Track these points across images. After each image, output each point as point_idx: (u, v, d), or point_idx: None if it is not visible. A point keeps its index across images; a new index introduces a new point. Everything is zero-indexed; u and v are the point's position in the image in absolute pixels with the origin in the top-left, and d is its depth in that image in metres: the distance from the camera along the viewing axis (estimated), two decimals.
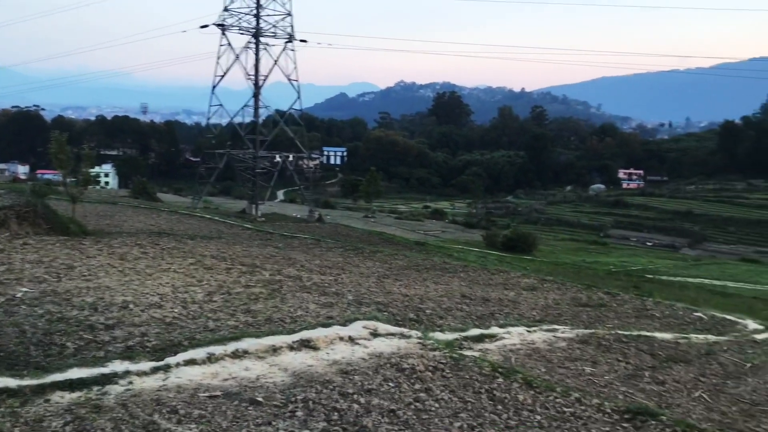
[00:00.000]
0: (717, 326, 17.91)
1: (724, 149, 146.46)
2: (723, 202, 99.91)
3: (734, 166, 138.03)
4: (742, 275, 51.91)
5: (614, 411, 7.07)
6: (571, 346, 10.91)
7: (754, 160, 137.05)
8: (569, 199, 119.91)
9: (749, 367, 10.90)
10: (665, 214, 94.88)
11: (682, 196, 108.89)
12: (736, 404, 8.73)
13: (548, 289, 20.38)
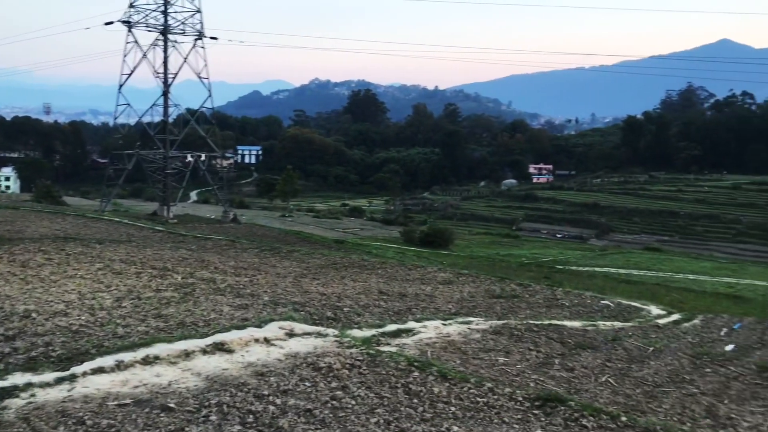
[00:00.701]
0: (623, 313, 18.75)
1: (627, 143, 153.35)
2: (627, 194, 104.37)
3: (637, 159, 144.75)
4: (646, 263, 54.54)
5: (525, 399, 7.28)
6: (485, 337, 11.16)
7: (655, 153, 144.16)
8: (483, 194, 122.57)
9: (652, 351, 11.45)
10: (574, 207, 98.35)
11: (589, 189, 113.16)
12: (640, 387, 9.16)
13: (464, 283, 20.79)
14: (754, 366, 10.85)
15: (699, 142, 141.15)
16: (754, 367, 10.73)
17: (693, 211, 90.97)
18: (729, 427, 7.80)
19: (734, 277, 48.56)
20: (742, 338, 16.90)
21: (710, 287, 41.95)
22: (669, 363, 10.60)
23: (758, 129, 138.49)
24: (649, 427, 6.70)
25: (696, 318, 19.89)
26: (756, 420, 8.12)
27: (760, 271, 55.36)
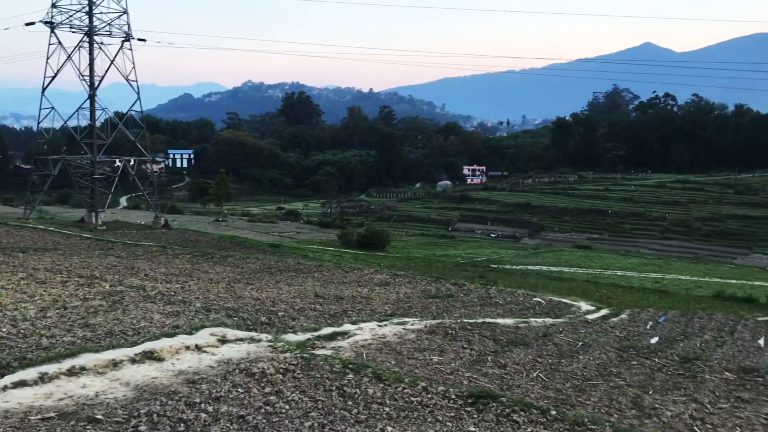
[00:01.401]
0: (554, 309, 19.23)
1: (556, 144, 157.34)
2: (557, 194, 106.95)
3: (566, 159, 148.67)
4: (576, 261, 56.06)
5: (458, 396, 7.37)
6: (420, 337, 11.25)
7: (583, 153, 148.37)
8: (419, 195, 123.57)
9: (581, 346, 11.77)
10: (507, 207, 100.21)
11: (521, 189, 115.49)
12: (570, 381, 9.40)
13: (400, 284, 20.92)
14: (676, 357, 11.28)
15: (625, 142, 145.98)
16: (677, 359, 11.16)
17: (620, 209, 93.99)
18: (653, 417, 8.09)
19: (660, 273, 50.41)
20: (666, 331, 17.58)
21: (637, 283, 43.42)
22: (597, 357, 10.91)
23: (680, 129, 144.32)
24: (578, 420, 6.88)
25: (623, 313, 20.59)
26: (678, 409, 8.45)
27: (684, 266, 57.69)
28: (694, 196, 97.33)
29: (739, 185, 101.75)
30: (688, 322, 20.11)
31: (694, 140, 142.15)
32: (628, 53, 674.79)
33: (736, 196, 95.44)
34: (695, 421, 8.01)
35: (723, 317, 22.28)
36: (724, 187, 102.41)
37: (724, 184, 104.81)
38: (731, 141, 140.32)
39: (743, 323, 21.14)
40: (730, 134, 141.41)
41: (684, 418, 8.13)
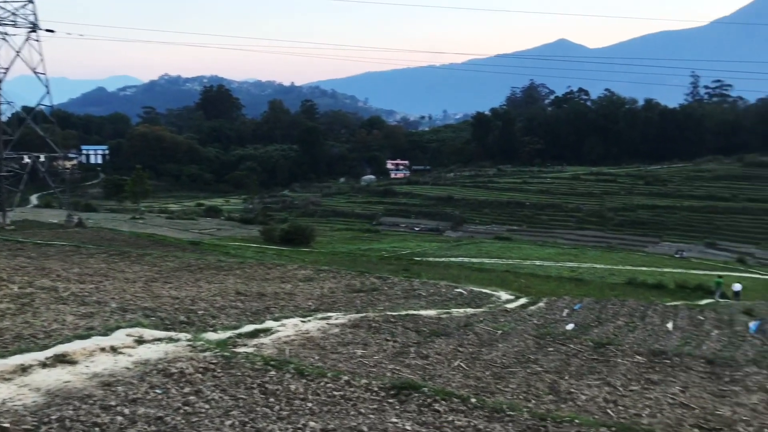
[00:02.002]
0: (475, 300, 19.64)
1: (476, 139, 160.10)
2: (478, 187, 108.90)
3: (486, 153, 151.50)
4: (497, 252, 57.41)
5: (381, 389, 7.42)
6: (344, 331, 11.26)
7: (502, 147, 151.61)
8: (343, 190, 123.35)
9: (500, 334, 12.05)
10: (429, 201, 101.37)
11: (443, 183, 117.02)
12: (489, 369, 9.62)
13: (324, 279, 20.87)
14: (591, 343, 11.71)
15: (541, 136, 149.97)
16: (591, 344, 11.58)
17: (538, 201, 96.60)
18: (569, 401, 8.38)
19: (576, 262, 52.24)
20: (581, 318, 18.24)
21: (554, 272, 44.88)
22: (516, 345, 11.20)
23: (594, 123, 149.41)
24: (497, 407, 7.04)
25: (541, 301, 21.24)
26: (592, 393, 8.78)
27: (598, 255, 59.97)
28: (607, 188, 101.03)
29: (648, 177, 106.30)
30: (602, 309, 20.92)
31: (607, 134, 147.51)
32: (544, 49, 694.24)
33: (646, 187, 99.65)
34: (608, 404, 8.35)
35: (634, 303, 23.30)
36: (635, 178, 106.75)
37: (635, 175, 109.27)
38: (641, 134, 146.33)
39: (653, 308, 22.17)
40: (640, 128, 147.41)
41: (598, 401, 8.45)
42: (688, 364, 10.72)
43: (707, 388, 9.46)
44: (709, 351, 13.80)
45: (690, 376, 10.00)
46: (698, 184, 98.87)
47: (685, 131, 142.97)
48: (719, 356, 12.12)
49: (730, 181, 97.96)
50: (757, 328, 19.07)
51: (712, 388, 9.45)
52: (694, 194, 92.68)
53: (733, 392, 9.33)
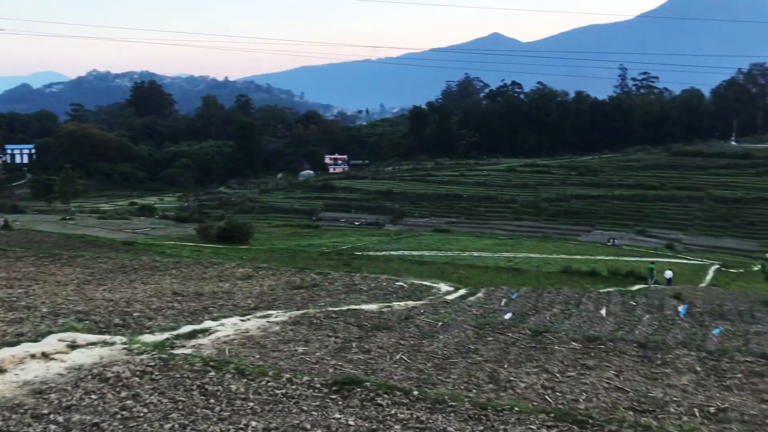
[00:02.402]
0: (416, 292, 19.77)
1: (414, 132, 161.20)
2: (417, 181, 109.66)
3: (423, 147, 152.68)
4: (436, 244, 58.00)
5: (324, 385, 7.39)
6: (285, 329, 11.17)
7: (438, 140, 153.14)
8: (281, 186, 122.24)
9: (441, 326, 12.17)
10: (369, 195, 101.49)
11: (382, 177, 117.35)
12: (431, 360, 9.71)
13: (263, 276, 20.65)
14: (528, 331, 11.95)
15: (477, 129, 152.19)
16: (529, 332, 11.82)
17: (475, 193, 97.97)
18: (509, 389, 8.53)
19: (512, 252, 53.28)
20: (519, 306, 18.60)
21: (492, 262, 45.67)
22: (456, 335, 11.34)
23: (527, 116, 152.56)
24: (439, 398, 7.11)
25: (480, 291, 21.55)
26: (531, 380, 8.97)
27: (534, 244, 61.27)
28: (541, 179, 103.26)
29: (581, 167, 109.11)
30: (538, 298, 21.40)
31: (540, 126, 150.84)
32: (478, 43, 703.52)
33: (578, 178, 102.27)
34: (546, 390, 8.54)
35: (570, 291, 23.92)
36: (568, 169, 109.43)
37: (568, 166, 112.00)
38: (573, 126, 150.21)
39: (587, 295, 22.81)
40: (572, 119, 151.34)
41: (536, 388, 8.64)
42: (621, 348, 11.06)
43: (640, 371, 9.78)
44: (641, 335, 14.29)
45: (623, 360, 10.32)
46: (628, 173, 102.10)
47: (614, 122, 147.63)
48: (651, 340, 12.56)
49: (657, 170, 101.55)
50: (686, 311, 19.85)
51: (645, 371, 9.78)
52: (624, 183, 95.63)
53: (665, 374, 9.68)
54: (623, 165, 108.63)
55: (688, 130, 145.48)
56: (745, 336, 15.60)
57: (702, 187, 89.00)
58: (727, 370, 10.06)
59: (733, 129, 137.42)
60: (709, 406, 8.24)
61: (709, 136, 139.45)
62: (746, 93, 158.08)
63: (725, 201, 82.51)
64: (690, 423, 7.55)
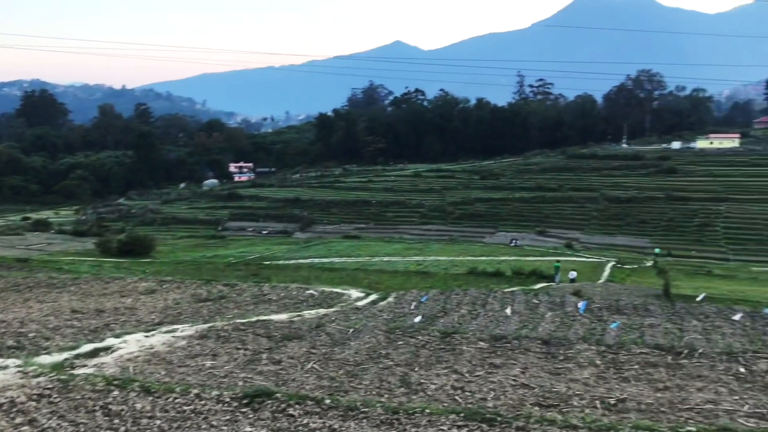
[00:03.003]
0: (326, 300, 19.72)
1: (321, 139, 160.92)
2: (325, 188, 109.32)
3: (331, 153, 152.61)
4: (346, 250, 58.03)
5: (233, 399, 7.26)
6: (191, 343, 10.90)
7: (346, 147, 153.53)
8: (184, 196, 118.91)
9: (352, 332, 12.21)
10: (276, 203, 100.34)
11: (290, 184, 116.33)
12: (343, 367, 9.72)
13: (168, 290, 20.07)
14: (437, 333, 12.17)
15: (383, 135, 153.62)
16: (438, 334, 12.04)
17: (383, 199, 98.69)
18: (420, 392, 8.66)
19: (421, 256, 54.02)
20: (428, 309, 18.88)
21: (401, 267, 46.14)
22: (367, 341, 11.40)
23: (431, 123, 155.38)
24: (351, 405, 7.13)
25: (390, 296, 21.73)
26: (441, 381, 9.14)
27: (441, 248, 62.36)
28: (447, 183, 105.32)
29: (483, 171, 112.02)
30: (446, 299, 21.80)
31: (444, 132, 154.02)
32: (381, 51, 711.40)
33: (481, 182, 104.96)
34: (456, 391, 8.72)
35: (476, 292, 24.48)
36: (471, 173, 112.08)
37: (471, 170, 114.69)
38: (475, 132, 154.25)
39: (493, 295, 23.42)
40: (474, 125, 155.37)
41: (446, 389, 8.81)
42: (526, 346, 11.44)
43: (544, 367, 10.15)
44: (544, 332, 14.82)
45: (528, 358, 10.68)
46: (528, 176, 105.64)
47: (514, 128, 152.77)
48: (554, 336, 13.06)
49: (555, 173, 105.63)
50: (585, 307, 20.72)
51: (549, 367, 10.16)
52: (524, 186, 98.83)
53: (567, 369, 10.09)
54: (523, 168, 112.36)
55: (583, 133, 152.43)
56: (641, 329, 16.45)
57: (597, 188, 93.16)
58: (625, 362, 10.60)
59: (624, 132, 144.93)
60: (609, 398, 8.65)
61: (602, 139, 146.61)
62: (635, 98, 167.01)
63: (618, 201, 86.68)
64: (592, 415, 7.89)
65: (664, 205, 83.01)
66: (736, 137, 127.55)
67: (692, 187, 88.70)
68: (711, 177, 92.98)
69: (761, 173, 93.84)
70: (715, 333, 16.18)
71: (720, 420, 7.88)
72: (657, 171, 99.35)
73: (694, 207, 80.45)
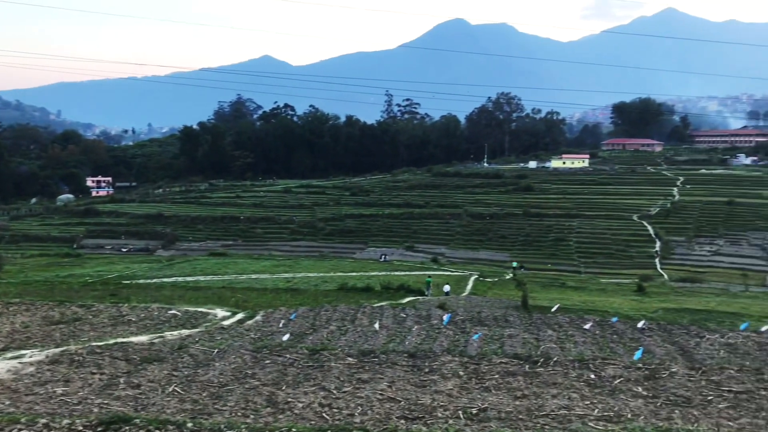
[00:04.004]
0: (190, 320, 19.08)
1: (185, 153, 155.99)
2: (190, 203, 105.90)
3: (196, 168, 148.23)
4: (212, 268, 56.43)
5: (87, 427, 6.83)
6: (41, 369, 10.16)
7: (212, 161, 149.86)
8: (36, 212, 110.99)
9: (217, 353, 11.87)
10: (137, 219, 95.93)
11: (152, 199, 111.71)
12: (206, 389, 9.42)
13: (15, 313, 18.65)
14: (306, 350, 12.10)
15: (252, 150, 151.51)
16: (306, 351, 11.97)
17: (252, 215, 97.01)
18: (287, 411, 8.55)
19: (291, 272, 53.59)
20: (297, 327, 18.74)
21: (271, 284, 45.52)
22: (233, 361, 11.13)
23: (301, 138, 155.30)
24: (214, 428, 6.92)
25: (258, 314, 21.36)
26: (309, 399, 9.07)
27: (311, 264, 62.20)
28: (317, 199, 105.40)
29: (353, 188, 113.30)
30: (316, 316, 21.74)
31: (314, 148, 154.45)
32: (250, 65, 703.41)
33: (351, 198, 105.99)
34: (324, 408, 8.69)
35: (346, 307, 24.60)
36: (342, 189, 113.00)
37: (342, 187, 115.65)
38: (344, 148, 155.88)
39: (362, 311, 23.63)
40: (344, 142, 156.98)
41: (314, 406, 8.76)
42: (393, 360, 11.62)
43: (411, 380, 10.35)
44: (411, 345, 15.12)
45: (396, 371, 10.85)
46: (396, 193, 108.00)
47: (382, 145, 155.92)
48: (419, 349, 13.36)
49: (422, 190, 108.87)
50: (449, 320, 21.37)
51: (415, 380, 10.37)
52: (393, 203, 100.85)
53: (432, 381, 10.34)
54: (392, 185, 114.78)
55: (448, 152, 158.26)
56: (501, 339, 17.19)
57: (461, 205, 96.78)
58: (486, 372, 11.02)
59: (485, 152, 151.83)
60: (471, 408, 8.95)
61: (466, 158, 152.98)
62: (495, 119, 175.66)
63: (481, 217, 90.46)
64: (455, 425, 8.13)
65: (522, 221, 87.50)
66: (586, 158, 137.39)
67: (547, 204, 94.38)
68: (564, 195, 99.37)
69: (608, 191, 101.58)
70: (568, 342, 17.20)
71: (573, 425, 8.37)
72: (515, 189, 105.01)
73: (549, 223, 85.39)
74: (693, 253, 75.92)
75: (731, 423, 8.56)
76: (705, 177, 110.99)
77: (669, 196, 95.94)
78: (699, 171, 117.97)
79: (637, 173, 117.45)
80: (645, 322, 21.43)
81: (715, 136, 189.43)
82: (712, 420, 8.67)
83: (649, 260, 72.98)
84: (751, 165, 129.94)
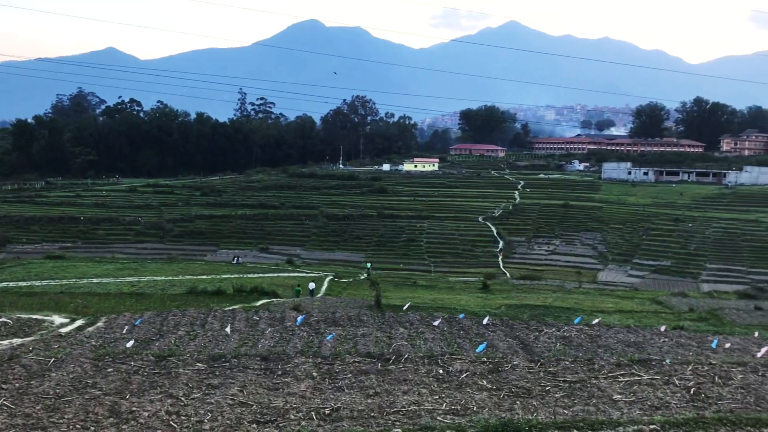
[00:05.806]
0: (23, 328, 17.70)
1: (19, 149, 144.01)
2: (23, 202, 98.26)
3: (31, 165, 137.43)
4: (49, 272, 52.59)
5: None
6: None
7: (50, 158, 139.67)
8: None
9: (53, 362, 11.08)
10: None
11: None
12: (41, 402, 8.76)
13: None
14: (152, 357, 11.59)
15: (94, 146, 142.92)
16: (153, 358, 11.47)
17: (93, 215, 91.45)
18: (131, 421, 8.15)
19: (136, 276, 51.07)
20: (143, 332, 17.91)
21: (114, 288, 43.19)
22: (72, 371, 10.44)
23: (148, 135, 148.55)
24: None
25: (100, 321, 20.19)
26: (155, 407, 8.69)
27: (158, 267, 59.60)
28: (165, 199, 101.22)
29: (205, 188, 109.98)
30: (163, 321, 20.89)
31: (162, 145, 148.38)
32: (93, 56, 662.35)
33: (203, 198, 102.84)
34: (171, 416, 8.37)
35: (195, 312, 23.86)
36: (192, 189, 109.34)
37: (192, 186, 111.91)
38: (195, 146, 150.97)
39: (213, 315, 23.03)
40: (194, 140, 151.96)
41: (161, 415, 8.41)
42: (245, 363, 11.42)
43: (263, 383, 10.22)
44: (264, 348, 14.92)
45: (247, 375, 10.67)
46: (250, 193, 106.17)
47: (235, 144, 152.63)
48: (273, 352, 13.22)
49: (277, 191, 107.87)
50: (303, 321, 21.33)
51: (268, 383, 10.25)
52: (246, 203, 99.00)
53: (285, 383, 10.27)
54: (245, 185, 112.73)
55: (303, 153, 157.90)
56: (354, 338, 17.40)
57: (316, 206, 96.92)
58: (339, 372, 11.11)
59: (340, 153, 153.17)
60: (324, 408, 8.98)
61: (321, 159, 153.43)
62: (350, 122, 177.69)
63: (336, 218, 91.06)
64: (308, 427, 8.13)
65: (376, 222, 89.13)
66: (436, 161, 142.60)
67: (400, 205, 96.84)
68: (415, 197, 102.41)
69: (455, 194, 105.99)
70: (418, 338, 17.73)
71: (422, 419, 8.63)
72: (369, 190, 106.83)
73: (402, 224, 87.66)
74: (532, 252, 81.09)
75: (566, 411, 9.21)
76: (543, 181, 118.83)
77: (511, 199, 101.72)
78: (538, 176, 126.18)
79: (482, 177, 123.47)
80: (489, 318, 22.59)
81: (553, 144, 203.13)
82: (550, 409, 9.29)
83: (493, 259, 76.98)
84: (584, 171, 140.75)
